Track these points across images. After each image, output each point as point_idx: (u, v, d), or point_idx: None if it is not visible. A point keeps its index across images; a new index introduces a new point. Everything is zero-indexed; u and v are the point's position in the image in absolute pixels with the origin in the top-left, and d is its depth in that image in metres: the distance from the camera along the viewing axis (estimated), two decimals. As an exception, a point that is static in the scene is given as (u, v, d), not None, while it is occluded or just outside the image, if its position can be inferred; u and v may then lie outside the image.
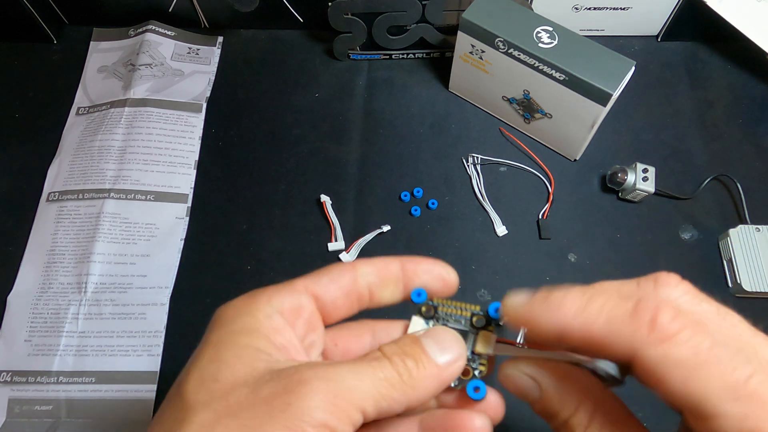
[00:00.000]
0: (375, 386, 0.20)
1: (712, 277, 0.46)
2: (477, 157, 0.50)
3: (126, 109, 0.53)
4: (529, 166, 0.50)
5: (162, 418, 0.20)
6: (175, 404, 0.20)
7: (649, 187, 0.47)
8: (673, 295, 0.20)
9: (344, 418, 0.19)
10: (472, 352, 0.24)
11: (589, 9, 0.53)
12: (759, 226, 0.45)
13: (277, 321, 0.22)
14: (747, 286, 0.43)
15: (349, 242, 0.47)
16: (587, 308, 0.20)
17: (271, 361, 0.21)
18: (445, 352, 0.22)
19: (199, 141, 0.53)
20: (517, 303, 0.22)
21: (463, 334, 0.24)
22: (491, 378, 0.24)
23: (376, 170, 0.51)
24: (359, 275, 0.24)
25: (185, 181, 0.50)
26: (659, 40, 0.57)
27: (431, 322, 0.25)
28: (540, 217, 0.48)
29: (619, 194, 0.49)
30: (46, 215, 0.49)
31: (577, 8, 0.53)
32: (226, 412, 0.19)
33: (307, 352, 0.23)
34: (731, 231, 0.46)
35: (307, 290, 0.23)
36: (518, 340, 0.24)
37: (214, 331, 0.22)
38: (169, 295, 0.46)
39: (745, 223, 0.47)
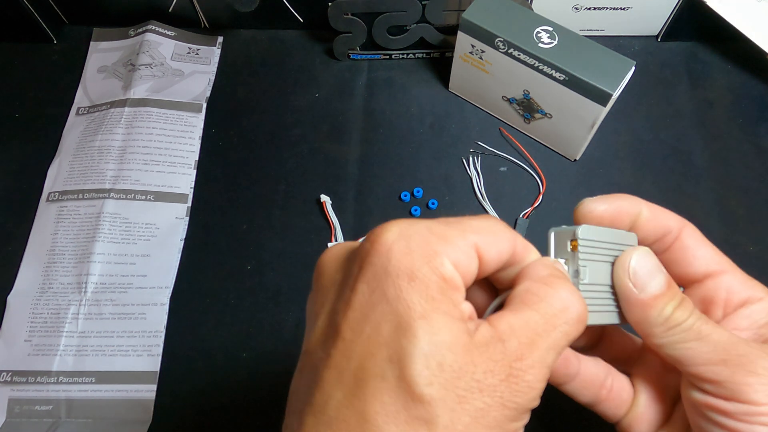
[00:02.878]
0: (563, 348, 0.21)
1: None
2: (478, 154, 0.50)
3: (126, 109, 0.53)
4: (529, 166, 0.50)
5: (380, 399, 0.18)
6: (395, 389, 0.18)
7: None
8: None
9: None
10: None
11: (589, 9, 0.53)
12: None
13: (457, 280, 0.20)
14: None
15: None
16: None
17: (469, 332, 0.19)
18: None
19: (199, 141, 0.53)
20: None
21: None
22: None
23: (376, 170, 0.51)
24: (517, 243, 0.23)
25: (185, 181, 0.50)
26: (659, 40, 0.57)
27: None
28: (521, 216, 0.48)
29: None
30: (46, 215, 0.49)
31: (577, 8, 0.53)
32: (461, 410, 0.18)
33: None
34: None
35: (476, 249, 0.21)
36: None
37: (409, 291, 0.19)
38: (169, 295, 0.46)
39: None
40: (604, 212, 0.26)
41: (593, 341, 0.29)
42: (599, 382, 0.27)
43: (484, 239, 0.21)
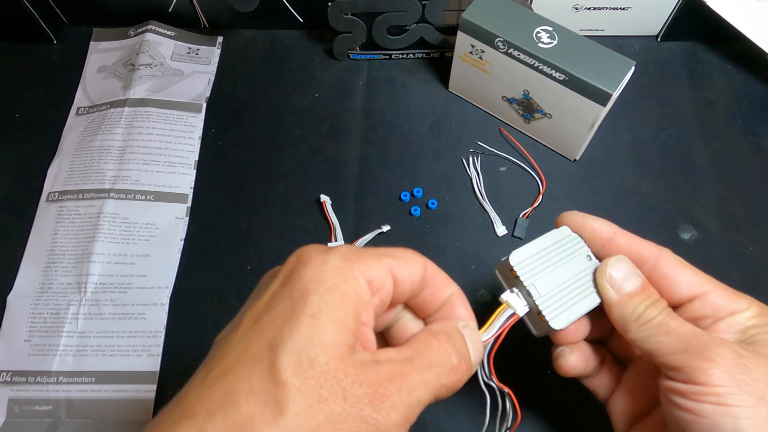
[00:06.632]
0: (436, 390, 0.22)
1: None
2: (478, 154, 0.50)
3: (126, 109, 0.53)
4: (529, 166, 0.50)
5: (250, 378, 0.19)
6: (266, 372, 0.19)
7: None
8: None
9: (410, 424, 0.21)
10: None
11: (589, 9, 0.53)
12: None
13: (366, 295, 0.22)
14: None
15: (349, 242, 0.47)
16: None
17: (355, 348, 0.21)
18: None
19: (199, 141, 0.53)
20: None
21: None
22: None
23: (376, 170, 0.51)
24: (427, 271, 0.25)
25: (185, 181, 0.50)
26: (659, 40, 0.57)
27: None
28: (521, 216, 0.48)
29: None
30: (46, 215, 0.49)
31: (577, 8, 0.53)
32: (318, 408, 0.19)
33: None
34: None
35: (390, 270, 0.23)
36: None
37: (313, 293, 0.21)
38: (169, 295, 0.46)
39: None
40: (575, 224, 0.31)
41: (606, 334, 0.34)
42: (591, 363, 0.32)
43: (398, 263, 0.24)
